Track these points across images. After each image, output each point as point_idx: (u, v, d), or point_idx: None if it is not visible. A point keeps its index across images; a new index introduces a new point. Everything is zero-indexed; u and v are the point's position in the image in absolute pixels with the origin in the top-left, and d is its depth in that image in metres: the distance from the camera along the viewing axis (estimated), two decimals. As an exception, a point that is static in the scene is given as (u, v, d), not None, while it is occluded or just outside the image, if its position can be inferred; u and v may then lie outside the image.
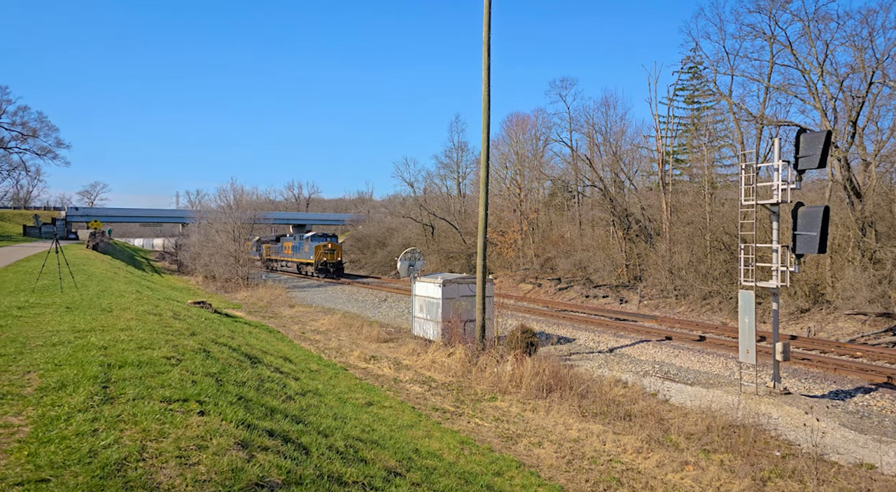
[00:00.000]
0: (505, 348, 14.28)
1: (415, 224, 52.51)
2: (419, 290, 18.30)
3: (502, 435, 9.39)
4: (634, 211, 38.06)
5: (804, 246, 12.11)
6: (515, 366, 12.73)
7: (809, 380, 13.52)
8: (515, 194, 49.10)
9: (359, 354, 15.34)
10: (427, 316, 17.65)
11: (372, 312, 27.87)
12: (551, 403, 11.06)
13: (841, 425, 10.74)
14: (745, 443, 9.24)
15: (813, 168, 12.63)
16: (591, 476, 7.83)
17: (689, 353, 16.56)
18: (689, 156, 42.96)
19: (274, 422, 5.43)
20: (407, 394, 11.65)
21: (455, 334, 15.16)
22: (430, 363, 14.28)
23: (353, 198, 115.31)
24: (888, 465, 8.94)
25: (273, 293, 33.00)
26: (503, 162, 52.57)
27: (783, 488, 7.45)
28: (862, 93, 28.70)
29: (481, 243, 15.99)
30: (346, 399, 9.49)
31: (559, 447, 8.86)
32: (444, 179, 62.92)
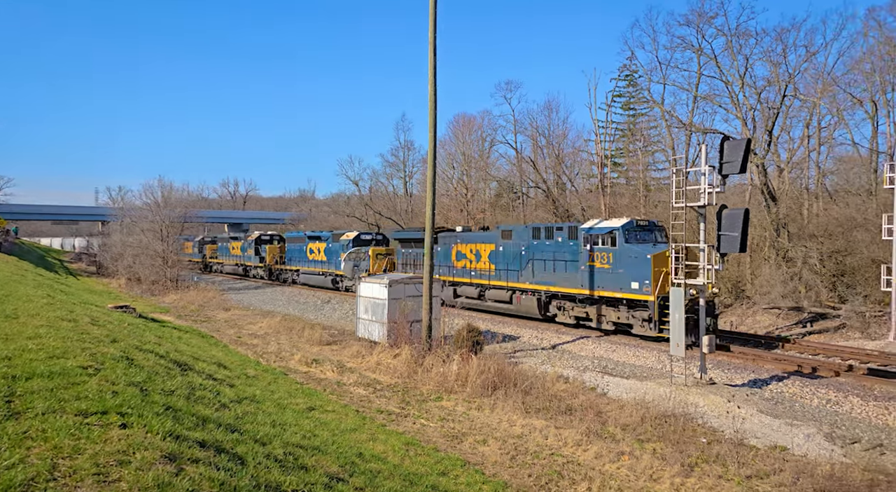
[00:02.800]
0: (451, 348, 14.35)
1: (360, 223, 51.77)
2: (364, 290, 18.04)
3: (448, 434, 9.43)
4: (576, 212, 39.39)
5: (727, 246, 12.96)
6: (461, 365, 12.82)
7: (731, 371, 14.51)
8: (462, 194, 49.56)
9: (300, 358, 14.91)
10: (372, 317, 17.43)
11: (314, 314, 27.19)
12: (496, 400, 11.23)
13: (758, 411, 11.60)
14: (675, 432, 9.79)
15: (735, 173, 13.50)
16: (533, 471, 8.01)
17: (625, 348, 17.33)
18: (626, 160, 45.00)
19: (206, 432, 5.16)
20: (351, 397, 11.45)
21: (401, 335, 15.06)
22: (375, 365, 14.11)
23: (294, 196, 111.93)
24: (798, 446, 9.76)
25: (206, 296, 31.46)
26: (450, 162, 52.90)
27: (708, 473, 7.95)
28: (777, 105, 31.22)
29: (429, 243, 15.98)
30: (286, 405, 9.19)
31: (503, 444, 9.01)
32: (391, 177, 62.49)
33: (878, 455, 9.35)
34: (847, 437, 10.19)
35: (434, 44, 15.72)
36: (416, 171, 60.92)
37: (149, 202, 40.41)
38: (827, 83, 31.51)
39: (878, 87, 31.06)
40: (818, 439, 10.15)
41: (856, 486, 7.40)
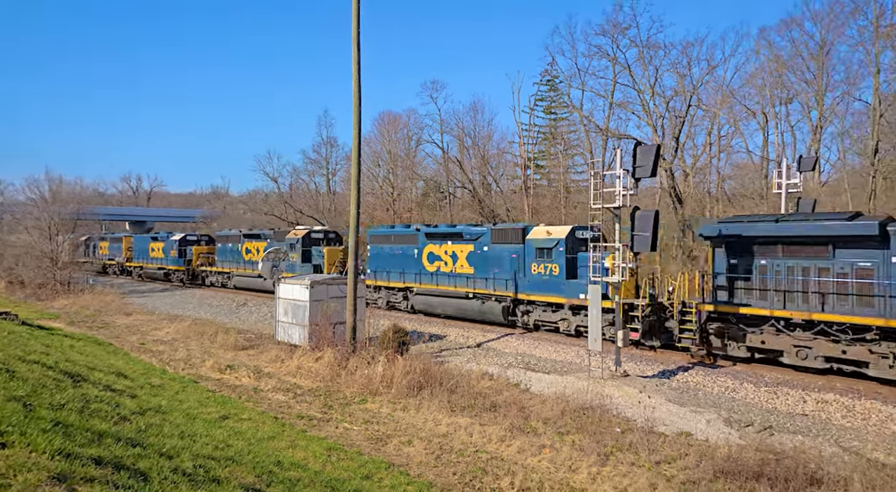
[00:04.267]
0: (377, 349, 14.22)
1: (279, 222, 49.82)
2: (284, 292, 17.39)
3: (372, 437, 9.34)
4: (501, 212, 40.47)
5: (640, 245, 13.89)
6: (387, 366, 12.74)
7: (643, 363, 15.61)
8: (388, 193, 49.24)
9: (212, 365, 14.10)
10: (293, 320, 16.85)
11: (228, 317, 25.80)
12: (422, 400, 11.28)
13: (667, 400, 12.58)
14: (592, 423, 10.36)
15: (647, 177, 14.46)
16: (458, 469, 8.15)
17: (547, 344, 18.08)
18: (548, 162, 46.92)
19: (103, 448, 4.74)
20: (269, 403, 10.99)
21: (324, 338, 14.69)
22: (295, 369, 13.65)
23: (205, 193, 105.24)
24: (700, 431, 10.70)
25: (103, 300, 28.87)
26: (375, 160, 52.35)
27: (622, 460, 8.51)
28: (682, 113, 34.01)
29: (353, 243, 15.71)
30: (197, 415, 8.65)
31: (429, 444, 9.07)
32: (313, 175, 60.70)
33: (769, 436, 10.47)
34: (742, 421, 11.31)
35: (357, 39, 15.49)
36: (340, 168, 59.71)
37: (34, 198, 36.43)
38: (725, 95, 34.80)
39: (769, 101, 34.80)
40: (718, 424, 11.19)
41: (749, 465, 8.23)
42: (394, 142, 51.47)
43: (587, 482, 7.80)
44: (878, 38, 28.86)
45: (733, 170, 38.09)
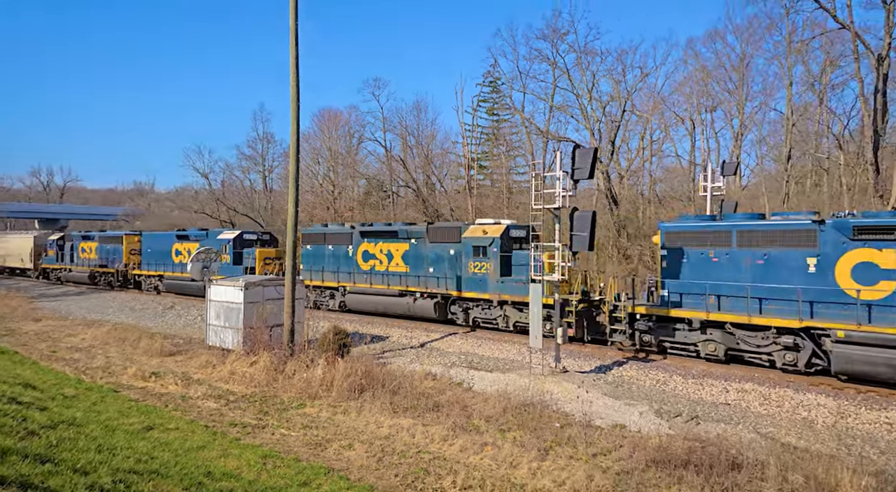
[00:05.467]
0: (316, 352, 13.89)
1: (211, 221, 47.57)
2: (216, 294, 16.61)
3: (311, 442, 9.11)
4: (445, 212, 40.68)
5: (578, 244, 14.38)
6: (327, 369, 12.48)
7: (581, 359, 16.20)
8: (329, 191, 48.22)
9: (135, 372, 13.26)
10: (225, 323, 16.13)
11: (154, 321, 24.34)
12: (363, 402, 11.13)
13: (603, 394, 13.12)
14: (533, 419, 10.63)
15: (584, 179, 14.99)
16: (400, 470, 8.11)
17: (490, 342, 18.36)
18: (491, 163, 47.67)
19: (8, 466, 4.33)
20: (199, 412, 10.47)
21: (259, 341, 14.17)
22: (228, 375, 13.08)
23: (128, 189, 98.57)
24: (634, 423, 11.24)
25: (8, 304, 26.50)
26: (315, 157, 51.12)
27: (561, 454, 8.79)
28: (618, 118, 35.60)
29: (291, 242, 15.26)
30: (117, 426, 8.09)
31: (370, 447, 8.97)
32: (248, 171, 58.45)
33: (695, 425, 11.16)
34: (672, 412, 11.98)
35: (295, 32, 15.05)
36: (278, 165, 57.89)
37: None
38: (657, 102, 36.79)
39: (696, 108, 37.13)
40: (650, 415, 11.80)
41: (678, 454, 8.73)
42: (334, 139, 50.49)
43: (528, 478, 7.99)
44: (790, 53, 31.52)
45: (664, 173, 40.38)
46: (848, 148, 30.89)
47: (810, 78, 32.46)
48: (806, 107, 33.23)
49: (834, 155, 31.63)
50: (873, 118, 25.22)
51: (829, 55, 30.78)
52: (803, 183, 33.43)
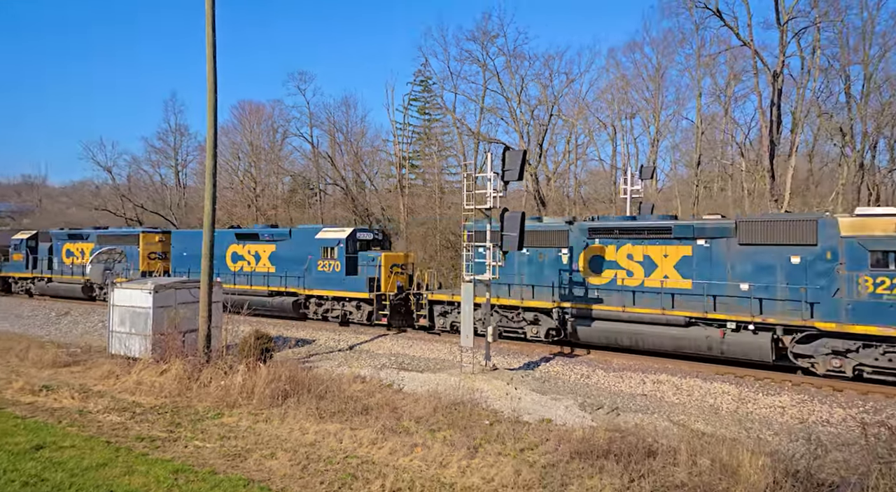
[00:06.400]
0: (236, 358, 13.20)
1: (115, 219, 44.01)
2: (120, 298, 15.36)
3: (229, 454, 8.62)
4: (375, 211, 40.20)
5: (508, 244, 14.69)
6: (247, 375, 11.89)
7: (510, 356, 16.57)
8: (250, 188, 46.12)
9: (22, 386, 11.98)
10: (131, 329, 14.94)
11: (45, 330, 22.17)
12: (287, 409, 10.72)
13: (531, 390, 13.49)
14: (463, 417, 10.71)
15: (514, 180, 15.35)
16: (326, 477, 7.86)
17: (421, 343, 18.34)
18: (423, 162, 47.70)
19: None
20: (99, 427, 9.61)
21: (171, 348, 13.25)
22: (134, 386, 12.12)
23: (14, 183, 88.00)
24: (559, 417, 11.64)
25: None
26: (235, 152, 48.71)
27: (490, 451, 8.91)
28: (545, 122, 36.86)
29: (208, 242, 14.41)
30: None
31: (294, 454, 8.63)
32: (158, 166, 54.66)
33: (616, 416, 11.73)
34: (594, 404, 12.53)
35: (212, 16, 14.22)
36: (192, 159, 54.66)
37: None
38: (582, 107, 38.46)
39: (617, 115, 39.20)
40: (574, 409, 12.27)
41: (600, 445, 9.12)
42: (256, 133, 48.35)
43: (457, 476, 8.02)
44: (699, 66, 34.08)
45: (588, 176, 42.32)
46: (749, 156, 33.91)
47: (717, 90, 35.30)
48: (713, 117, 36.11)
49: (737, 162, 34.60)
50: (770, 129, 27.82)
51: (732, 70, 33.63)
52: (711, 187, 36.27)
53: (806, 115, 29.68)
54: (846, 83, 29.93)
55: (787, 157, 28.96)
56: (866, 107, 28.69)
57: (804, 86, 29.65)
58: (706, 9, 29.36)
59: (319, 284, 21.54)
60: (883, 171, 30.98)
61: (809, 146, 32.04)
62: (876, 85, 28.81)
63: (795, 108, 29.64)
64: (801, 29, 28.45)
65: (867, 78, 28.75)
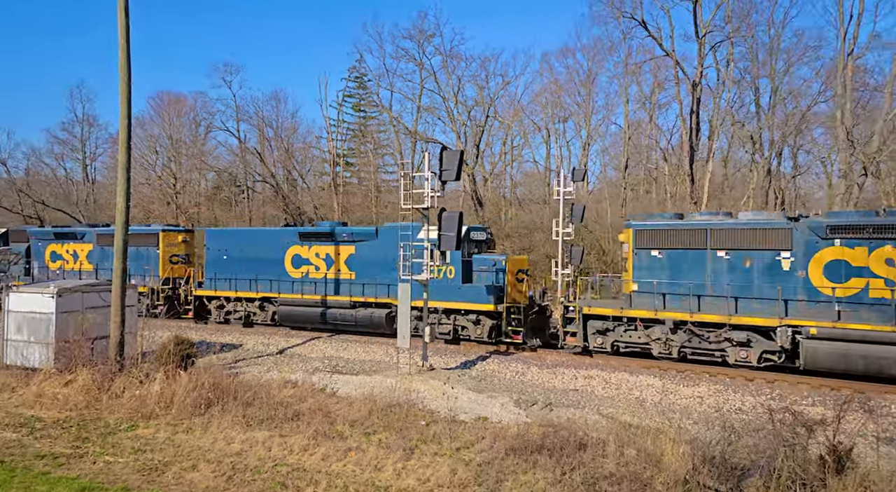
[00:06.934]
0: (153, 365, 12.38)
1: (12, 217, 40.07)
2: (16, 303, 13.97)
3: (144, 468, 8.05)
4: (308, 210, 39.17)
5: (446, 244, 14.74)
6: (166, 384, 11.17)
7: (448, 356, 16.66)
8: (170, 184, 43.50)
9: None
10: (30, 337, 13.63)
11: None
12: (211, 418, 10.18)
13: (468, 389, 13.62)
14: (399, 419, 10.63)
15: (452, 180, 15.41)
16: (254, 487, 7.54)
17: (356, 345, 18.04)
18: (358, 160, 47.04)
19: None
20: (-8, 446, 8.67)
21: (78, 357, 12.21)
22: (34, 399, 11.05)
23: None
24: (495, 414, 11.83)
25: None
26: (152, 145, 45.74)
27: (426, 452, 8.90)
28: (482, 123, 37.48)
29: (120, 242, 13.42)
30: None
31: (218, 465, 8.21)
32: (62, 159, 50.38)
33: (549, 412, 12.09)
34: (529, 401, 12.85)
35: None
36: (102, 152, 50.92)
37: None
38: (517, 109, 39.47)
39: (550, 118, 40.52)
40: (510, 406, 12.52)
41: (533, 440, 9.36)
42: (176, 126, 45.66)
43: (392, 479, 7.95)
44: (626, 74, 35.94)
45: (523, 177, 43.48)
46: (671, 160, 36.14)
47: (642, 97, 37.39)
48: (639, 122, 38.19)
49: (661, 166, 36.78)
50: (690, 136, 29.82)
51: (656, 78, 35.77)
52: (637, 190, 38.31)
53: (721, 124, 32.09)
54: (756, 95, 32.72)
55: (705, 162, 31.13)
56: (773, 117, 31.46)
57: (720, 96, 32.07)
58: (632, 19, 31.07)
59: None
60: (787, 176, 34.07)
61: (725, 152, 34.68)
62: (781, 97, 31.66)
63: (712, 116, 31.98)
64: (716, 42, 30.75)
65: (774, 90, 31.53)
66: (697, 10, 28.95)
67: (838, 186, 24.24)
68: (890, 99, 22.61)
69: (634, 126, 37.70)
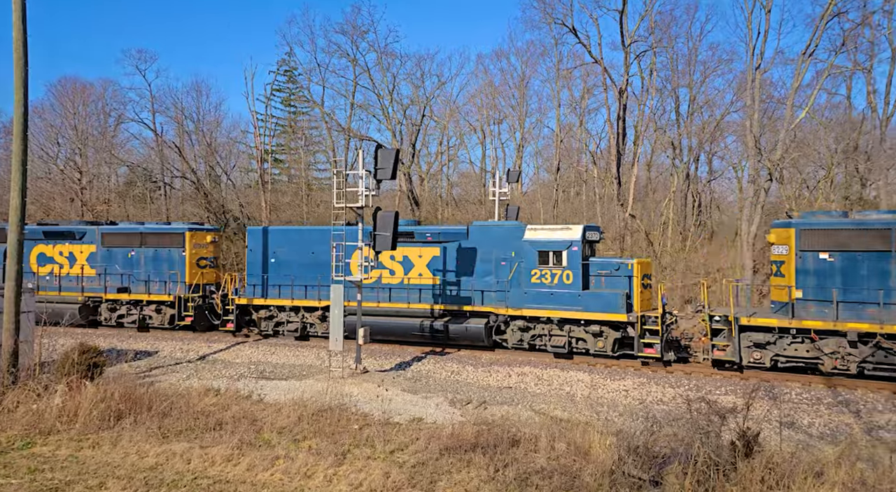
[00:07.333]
0: (54, 376, 11.34)
1: None
2: None
3: (42, 489, 7.34)
4: (233, 208, 37.48)
5: (381, 244, 14.58)
6: (69, 396, 10.26)
7: (382, 357, 16.49)
8: (74, 179, 40.11)
9: None
10: None
11: None
12: (122, 431, 9.46)
13: (403, 390, 13.54)
14: (330, 424, 10.37)
15: (387, 179, 15.23)
16: (170, 504, 7.06)
17: (285, 349, 17.44)
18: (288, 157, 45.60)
19: None
20: None
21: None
22: None
23: None
24: (430, 415, 11.84)
25: None
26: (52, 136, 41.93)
27: (358, 456, 8.74)
28: (418, 122, 37.48)
29: (14, 241, 12.20)
30: None
31: (129, 482, 7.63)
32: (-59, 149, 45.11)
33: (483, 410, 12.25)
34: (464, 400, 12.96)
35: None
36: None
37: None
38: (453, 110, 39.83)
39: (486, 120, 41.21)
40: (445, 406, 12.57)
41: (468, 439, 9.45)
42: (82, 116, 42.13)
43: (323, 485, 7.73)
44: (558, 78, 37.23)
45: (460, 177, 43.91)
46: (600, 164, 37.81)
47: (573, 102, 38.86)
48: (570, 126, 39.67)
49: (590, 169, 38.39)
50: (617, 140, 31.33)
51: (586, 84, 37.31)
52: (569, 191, 39.77)
53: (645, 130, 34.01)
54: (676, 103, 34.96)
55: (630, 166, 32.84)
56: (691, 125, 33.76)
57: (644, 103, 33.97)
58: (563, 26, 32.21)
59: (536, 301, 16.00)
60: (703, 181, 36.65)
61: (648, 157, 36.73)
62: (698, 106, 34.04)
63: (637, 122, 33.79)
64: (641, 52, 32.54)
65: (692, 100, 33.85)
66: (624, 21, 30.49)
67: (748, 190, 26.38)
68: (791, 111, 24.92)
69: (566, 129, 39.13)
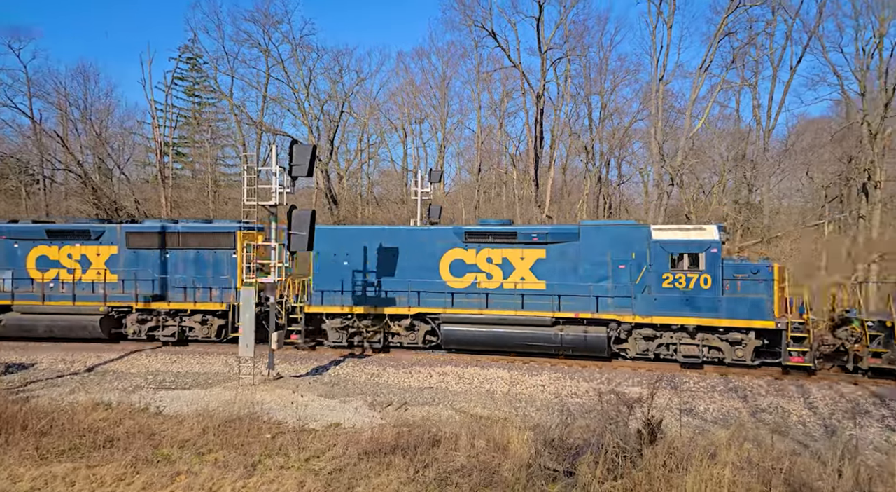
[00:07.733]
0: None
1: None
2: None
3: None
4: (127, 204, 34.59)
5: (297, 244, 14.02)
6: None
7: (297, 362, 15.88)
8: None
9: None
10: None
11: None
12: (-11, 456, 8.34)
13: (319, 395, 13.11)
14: (239, 435, 9.80)
15: (303, 176, 14.66)
16: (48, 534, 6.31)
17: (188, 356, 16.30)
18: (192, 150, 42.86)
19: None
20: None
21: None
22: None
23: None
24: (349, 419, 11.55)
25: None
26: None
27: (270, 466, 8.33)
28: (336, 118, 36.70)
29: None
30: None
31: (-3, 513, 6.74)
32: None
33: (404, 412, 12.14)
34: (384, 402, 12.78)
35: None
36: None
37: None
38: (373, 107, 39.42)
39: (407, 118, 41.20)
40: (364, 409, 12.32)
41: (388, 441, 9.32)
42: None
43: (231, 501, 7.28)
44: (479, 81, 38.02)
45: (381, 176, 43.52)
46: (519, 166, 39.06)
47: (493, 104, 39.85)
48: (490, 129, 40.65)
49: (510, 171, 39.55)
50: (535, 143, 32.53)
51: (505, 88, 38.41)
52: (490, 192, 40.72)
53: (561, 134, 35.59)
54: (589, 109, 36.92)
55: (547, 169, 34.21)
56: (603, 130, 35.80)
57: (560, 108, 35.55)
58: (483, 29, 32.95)
59: (667, 307, 14.89)
60: (614, 184, 39.00)
61: (564, 160, 38.47)
62: (609, 113, 36.18)
63: (553, 126, 35.28)
64: (557, 59, 34.02)
65: (603, 107, 35.90)
66: (541, 27, 31.72)
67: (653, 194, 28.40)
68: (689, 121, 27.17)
69: (487, 132, 40.05)
